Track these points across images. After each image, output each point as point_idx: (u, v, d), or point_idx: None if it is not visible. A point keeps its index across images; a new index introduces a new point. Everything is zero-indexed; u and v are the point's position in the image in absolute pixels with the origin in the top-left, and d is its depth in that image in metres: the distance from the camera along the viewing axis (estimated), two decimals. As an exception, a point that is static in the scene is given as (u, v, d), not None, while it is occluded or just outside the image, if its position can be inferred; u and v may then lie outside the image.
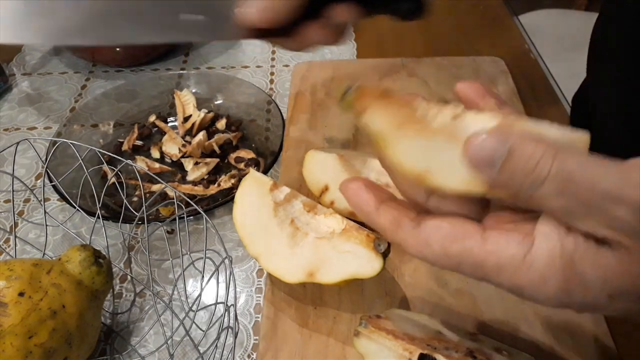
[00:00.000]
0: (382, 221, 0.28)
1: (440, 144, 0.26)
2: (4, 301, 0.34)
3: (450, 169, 0.25)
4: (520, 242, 0.24)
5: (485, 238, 0.25)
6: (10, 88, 0.70)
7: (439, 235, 0.26)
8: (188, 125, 0.60)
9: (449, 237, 0.25)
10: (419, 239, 0.26)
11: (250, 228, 0.41)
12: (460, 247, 0.25)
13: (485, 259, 0.24)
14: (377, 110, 0.28)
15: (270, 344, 0.39)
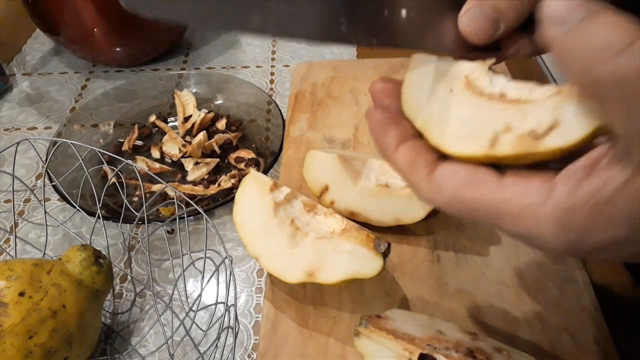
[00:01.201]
0: (399, 161, 0.27)
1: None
2: (4, 301, 0.34)
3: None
4: (539, 188, 0.23)
5: (502, 185, 0.24)
6: (10, 88, 0.70)
7: (452, 181, 0.25)
8: (188, 125, 0.61)
9: (463, 184, 0.25)
10: (432, 185, 0.25)
11: (250, 228, 0.41)
12: (475, 194, 0.24)
13: (501, 206, 0.23)
14: None
15: (270, 344, 0.39)
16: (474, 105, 0.27)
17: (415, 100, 0.29)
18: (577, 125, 0.24)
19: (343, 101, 0.60)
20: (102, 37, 0.65)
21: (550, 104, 0.25)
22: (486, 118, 0.27)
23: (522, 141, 0.25)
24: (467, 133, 0.27)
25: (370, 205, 0.45)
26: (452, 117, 0.27)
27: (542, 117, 0.25)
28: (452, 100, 0.28)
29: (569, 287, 0.41)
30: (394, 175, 0.46)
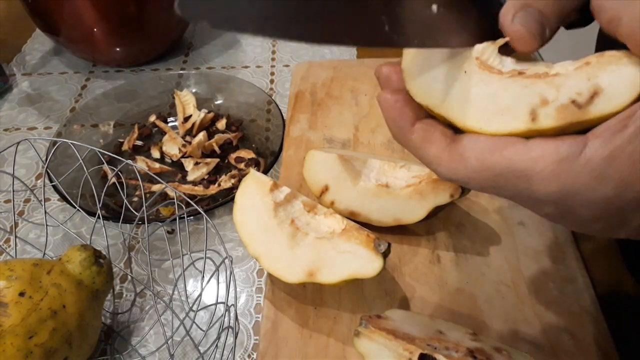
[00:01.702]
0: (414, 137, 0.26)
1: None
2: (4, 301, 0.34)
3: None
4: (570, 144, 0.22)
5: (530, 146, 0.22)
6: (10, 88, 0.70)
7: (476, 146, 0.23)
8: (188, 125, 0.61)
9: (488, 148, 0.23)
10: (453, 153, 0.24)
11: (250, 228, 0.41)
12: (501, 157, 0.23)
13: (532, 166, 0.22)
14: None
15: (270, 344, 0.39)
16: (497, 83, 0.26)
17: (425, 85, 0.27)
18: (621, 89, 0.24)
19: (343, 101, 0.61)
20: (102, 37, 0.66)
21: (582, 75, 0.25)
22: (515, 94, 0.26)
23: (566, 111, 0.24)
24: (499, 111, 0.26)
25: (370, 205, 0.45)
26: (477, 97, 0.26)
27: (578, 87, 0.25)
28: (469, 80, 0.27)
29: (569, 287, 0.41)
30: (394, 175, 0.46)
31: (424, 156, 0.26)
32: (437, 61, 0.28)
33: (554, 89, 0.25)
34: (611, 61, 0.25)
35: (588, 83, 0.25)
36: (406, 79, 0.28)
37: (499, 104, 0.26)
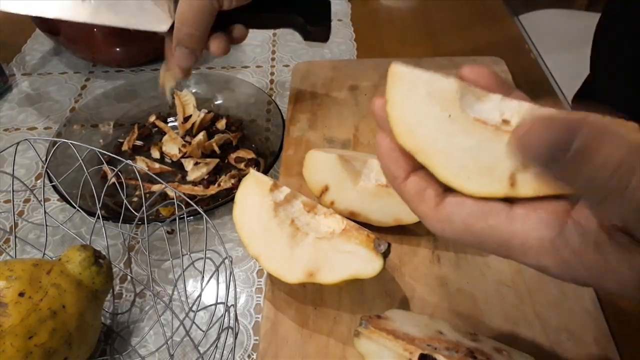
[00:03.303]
0: (406, 190, 0.27)
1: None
2: (4, 301, 0.34)
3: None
4: (550, 223, 0.23)
5: (512, 217, 0.24)
6: (10, 88, 0.70)
7: (462, 212, 0.25)
8: (188, 126, 0.60)
9: (473, 215, 0.25)
10: (441, 214, 0.25)
11: (250, 228, 0.41)
12: (484, 226, 0.24)
13: (510, 238, 0.24)
14: None
15: (270, 344, 0.39)
16: (480, 136, 0.26)
17: (410, 128, 0.27)
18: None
19: (343, 101, 0.60)
20: (102, 37, 0.65)
21: None
22: (497, 153, 0.25)
23: (543, 181, 0.24)
24: (480, 170, 0.26)
25: (370, 205, 0.45)
26: (458, 149, 0.26)
27: None
28: (453, 127, 0.26)
29: (569, 287, 0.41)
30: (394, 175, 0.46)
31: (414, 209, 0.27)
32: (421, 97, 0.27)
33: None
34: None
35: None
36: (390, 116, 0.27)
37: (480, 161, 0.25)
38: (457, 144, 0.26)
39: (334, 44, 0.75)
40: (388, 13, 0.81)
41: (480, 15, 0.80)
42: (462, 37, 0.75)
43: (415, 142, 0.27)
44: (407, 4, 0.83)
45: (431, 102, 0.27)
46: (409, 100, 0.27)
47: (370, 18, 0.80)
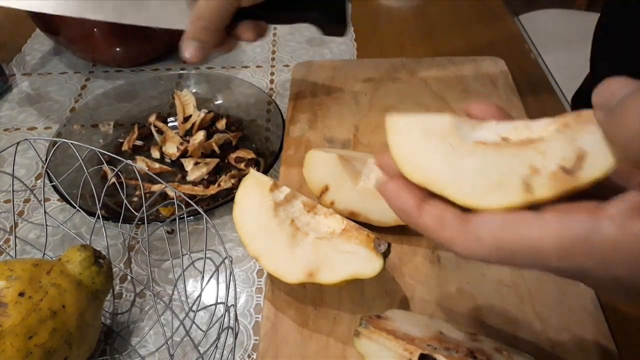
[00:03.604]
0: (424, 220, 0.26)
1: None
2: (4, 301, 0.34)
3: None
4: (584, 220, 0.22)
5: (543, 222, 0.23)
6: (10, 88, 0.70)
7: (491, 226, 0.24)
8: (188, 125, 0.60)
9: (502, 227, 0.24)
10: (468, 234, 0.24)
11: (250, 228, 0.41)
12: (516, 236, 0.23)
13: (544, 244, 0.23)
14: None
15: (270, 344, 0.39)
16: (483, 155, 0.27)
17: (415, 163, 0.28)
18: (604, 151, 0.24)
19: (343, 101, 0.60)
20: (102, 37, 0.65)
21: (564, 138, 0.26)
22: (504, 165, 0.26)
23: (557, 179, 0.25)
24: (491, 185, 0.26)
25: (370, 205, 0.45)
26: (467, 171, 0.27)
27: (563, 152, 0.25)
28: (457, 155, 0.28)
29: (569, 287, 0.41)
30: (394, 175, 0.46)
31: (437, 238, 0.26)
32: (419, 136, 0.29)
33: (540, 156, 0.26)
34: (588, 121, 0.25)
35: (571, 147, 0.25)
36: (396, 159, 0.29)
37: (489, 178, 0.26)
38: (464, 167, 0.27)
39: (334, 44, 0.75)
40: (388, 13, 0.82)
41: (480, 15, 0.80)
42: (462, 37, 0.75)
43: (426, 175, 0.28)
44: (407, 4, 0.83)
45: (430, 137, 0.29)
46: (409, 140, 0.29)
47: (370, 18, 0.80)
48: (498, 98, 0.59)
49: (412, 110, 0.58)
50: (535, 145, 0.26)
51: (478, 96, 0.60)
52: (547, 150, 0.26)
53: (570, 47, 1.11)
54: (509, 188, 0.26)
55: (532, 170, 0.26)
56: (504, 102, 0.59)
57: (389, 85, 0.62)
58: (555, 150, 0.26)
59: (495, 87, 0.61)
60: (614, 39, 0.48)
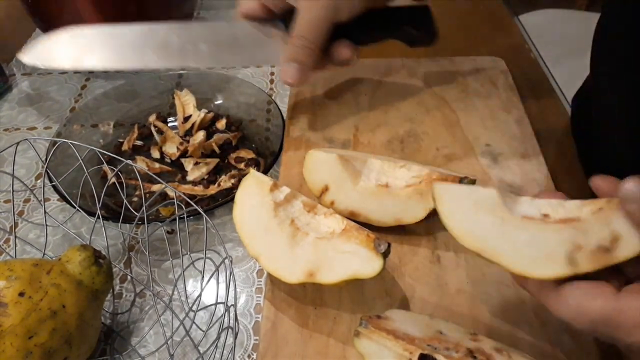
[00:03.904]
0: (529, 287, 0.32)
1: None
2: (4, 301, 0.34)
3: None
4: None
5: (620, 297, 0.27)
6: (10, 88, 0.70)
7: (576, 292, 0.29)
8: (188, 125, 0.60)
9: (585, 295, 0.28)
10: (559, 297, 0.29)
11: (250, 228, 0.41)
12: (594, 305, 0.27)
13: (617, 316, 0.26)
14: None
15: (270, 344, 0.39)
16: (531, 229, 0.32)
17: (471, 232, 0.34)
18: (635, 237, 0.29)
19: (343, 101, 0.60)
20: (102, 37, 0.65)
21: (600, 220, 0.31)
22: (551, 240, 0.31)
23: (597, 256, 0.30)
24: (541, 257, 0.31)
25: (370, 205, 0.45)
26: (517, 243, 0.32)
27: (601, 233, 0.30)
28: (506, 227, 0.33)
29: (569, 287, 0.41)
30: (394, 175, 0.46)
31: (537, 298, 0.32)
32: (471, 207, 0.34)
33: (581, 235, 0.31)
34: (618, 208, 0.30)
35: (607, 229, 0.30)
36: (448, 225, 0.35)
37: (539, 250, 0.31)
38: (516, 240, 0.32)
39: (334, 44, 0.75)
40: (388, 13, 0.81)
41: (480, 15, 0.80)
42: (462, 37, 0.74)
43: (479, 244, 0.33)
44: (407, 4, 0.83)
45: (481, 209, 0.34)
46: (461, 210, 0.34)
47: (370, 18, 0.80)
48: (498, 98, 0.59)
49: (412, 110, 0.58)
50: (575, 224, 0.31)
51: (478, 96, 0.60)
52: (587, 229, 0.31)
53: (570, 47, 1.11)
54: (557, 261, 0.30)
55: (575, 246, 0.31)
56: (504, 102, 0.59)
57: (389, 85, 0.62)
58: (594, 231, 0.31)
59: (495, 87, 0.61)
60: (614, 40, 0.48)
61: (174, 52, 0.49)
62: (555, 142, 0.58)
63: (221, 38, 0.50)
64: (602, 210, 0.31)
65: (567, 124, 0.60)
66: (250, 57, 0.51)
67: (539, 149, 0.52)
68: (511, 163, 0.51)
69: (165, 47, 0.49)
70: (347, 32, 0.50)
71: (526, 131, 0.55)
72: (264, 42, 0.51)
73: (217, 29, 0.51)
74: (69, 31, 0.49)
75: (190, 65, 0.50)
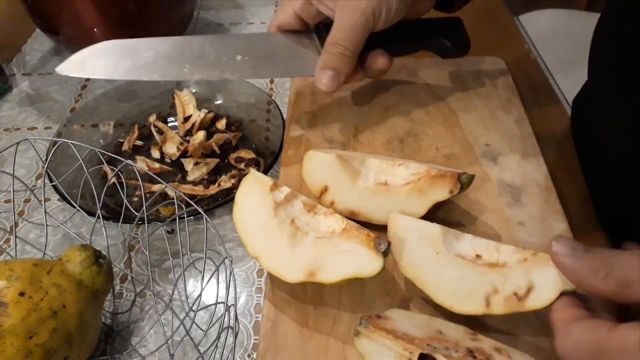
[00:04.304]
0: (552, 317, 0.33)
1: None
2: (4, 301, 0.34)
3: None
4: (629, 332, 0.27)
5: (612, 329, 0.28)
6: (10, 88, 0.70)
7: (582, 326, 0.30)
8: (188, 125, 0.60)
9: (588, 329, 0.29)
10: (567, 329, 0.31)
11: (250, 228, 0.41)
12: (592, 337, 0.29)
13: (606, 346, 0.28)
14: None
15: (270, 344, 0.39)
16: (461, 268, 0.37)
17: (411, 262, 0.38)
18: (547, 289, 0.34)
19: (343, 101, 0.61)
20: (102, 37, 0.65)
21: (522, 270, 0.35)
22: (475, 281, 0.36)
23: (510, 302, 0.35)
24: (464, 295, 0.36)
25: (370, 204, 0.45)
26: (448, 280, 0.37)
27: (519, 281, 0.35)
28: (440, 263, 0.37)
29: (569, 287, 0.41)
30: (392, 173, 0.46)
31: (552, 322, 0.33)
32: (416, 238, 0.39)
33: (502, 280, 0.36)
34: (542, 261, 0.35)
35: (525, 279, 0.35)
36: (394, 253, 0.39)
37: (464, 288, 0.36)
38: (446, 275, 0.37)
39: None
40: (388, 13, 0.81)
41: (480, 15, 0.80)
42: (462, 37, 0.74)
43: (414, 274, 0.38)
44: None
45: (423, 242, 0.38)
46: (407, 240, 0.39)
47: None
48: (498, 98, 0.59)
49: (412, 110, 0.58)
50: (500, 269, 0.36)
51: (478, 96, 0.60)
52: (508, 276, 0.35)
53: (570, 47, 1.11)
54: (475, 300, 0.35)
55: (493, 290, 0.35)
56: (504, 102, 0.59)
57: (389, 85, 0.62)
58: (513, 278, 0.35)
59: (495, 87, 0.61)
60: (613, 42, 0.48)
61: (210, 63, 0.49)
62: (555, 142, 0.58)
63: (256, 50, 0.50)
64: (526, 261, 0.36)
65: (567, 124, 0.60)
66: (287, 68, 0.51)
67: (539, 149, 0.53)
68: (511, 163, 0.51)
69: (200, 58, 0.49)
70: (381, 43, 0.50)
71: (526, 131, 0.55)
72: (300, 54, 0.51)
73: (251, 41, 0.51)
74: (104, 44, 0.50)
75: (227, 76, 0.50)
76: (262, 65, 0.50)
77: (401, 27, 0.50)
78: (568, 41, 1.22)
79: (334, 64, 0.48)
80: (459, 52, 0.55)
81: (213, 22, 0.83)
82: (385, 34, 0.49)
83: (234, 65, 0.49)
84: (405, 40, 0.52)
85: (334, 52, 0.47)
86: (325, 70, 0.48)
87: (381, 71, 0.51)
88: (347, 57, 0.48)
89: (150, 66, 0.48)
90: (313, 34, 0.52)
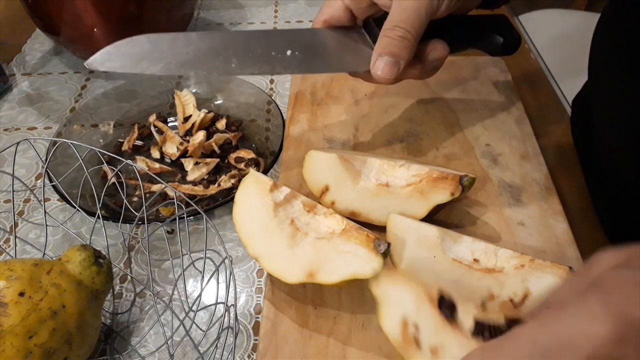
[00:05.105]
0: None
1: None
2: (4, 301, 0.34)
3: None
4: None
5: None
6: (10, 88, 0.70)
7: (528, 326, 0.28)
8: (188, 125, 0.60)
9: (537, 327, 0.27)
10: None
11: (250, 228, 0.41)
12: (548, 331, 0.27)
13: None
14: None
15: (270, 344, 0.39)
16: (458, 271, 0.37)
17: (411, 264, 0.38)
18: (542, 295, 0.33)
19: (343, 101, 0.60)
20: (102, 37, 0.65)
21: (518, 276, 0.36)
22: (471, 285, 0.36)
23: (506, 307, 0.35)
24: (460, 299, 0.34)
25: (371, 205, 0.45)
26: (443, 284, 0.35)
27: (515, 287, 0.35)
28: (437, 265, 0.37)
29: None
30: (394, 174, 0.46)
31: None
32: (414, 240, 0.39)
33: (498, 286, 0.36)
34: (539, 268, 0.36)
35: (522, 285, 0.35)
36: (393, 254, 0.39)
37: (460, 293, 0.35)
38: (443, 279, 0.37)
39: (334, 44, 0.75)
40: (388, 13, 0.81)
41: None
42: (462, 37, 0.74)
43: (415, 276, 0.37)
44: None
45: (421, 244, 0.39)
46: (406, 241, 0.39)
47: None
48: (498, 98, 0.59)
49: (412, 110, 0.58)
50: (497, 275, 0.36)
51: (478, 96, 0.60)
52: (504, 282, 0.36)
53: (570, 47, 1.11)
54: (472, 304, 0.34)
55: (490, 295, 0.36)
56: (504, 102, 0.59)
57: (389, 85, 0.62)
58: (510, 285, 0.35)
59: (495, 87, 0.61)
60: (612, 42, 0.48)
61: (259, 58, 0.46)
62: (555, 142, 0.58)
63: (306, 45, 0.47)
64: (524, 268, 0.36)
65: (567, 124, 0.60)
66: (340, 63, 0.48)
67: (539, 149, 0.52)
68: (511, 163, 0.51)
69: (248, 53, 0.46)
70: (438, 35, 0.47)
71: (526, 131, 0.55)
72: (352, 48, 0.48)
73: (298, 36, 0.48)
74: (137, 37, 0.47)
75: (279, 71, 0.47)
76: (314, 60, 0.47)
77: (454, 21, 0.48)
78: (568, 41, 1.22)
79: (393, 48, 0.43)
80: (510, 49, 0.52)
81: (213, 22, 0.83)
82: (441, 27, 0.47)
83: (284, 60, 0.47)
84: (460, 35, 0.50)
85: (393, 35, 0.43)
86: (383, 56, 0.43)
87: (440, 60, 0.47)
88: (408, 40, 0.43)
89: (193, 61, 0.45)
90: (362, 29, 0.49)
